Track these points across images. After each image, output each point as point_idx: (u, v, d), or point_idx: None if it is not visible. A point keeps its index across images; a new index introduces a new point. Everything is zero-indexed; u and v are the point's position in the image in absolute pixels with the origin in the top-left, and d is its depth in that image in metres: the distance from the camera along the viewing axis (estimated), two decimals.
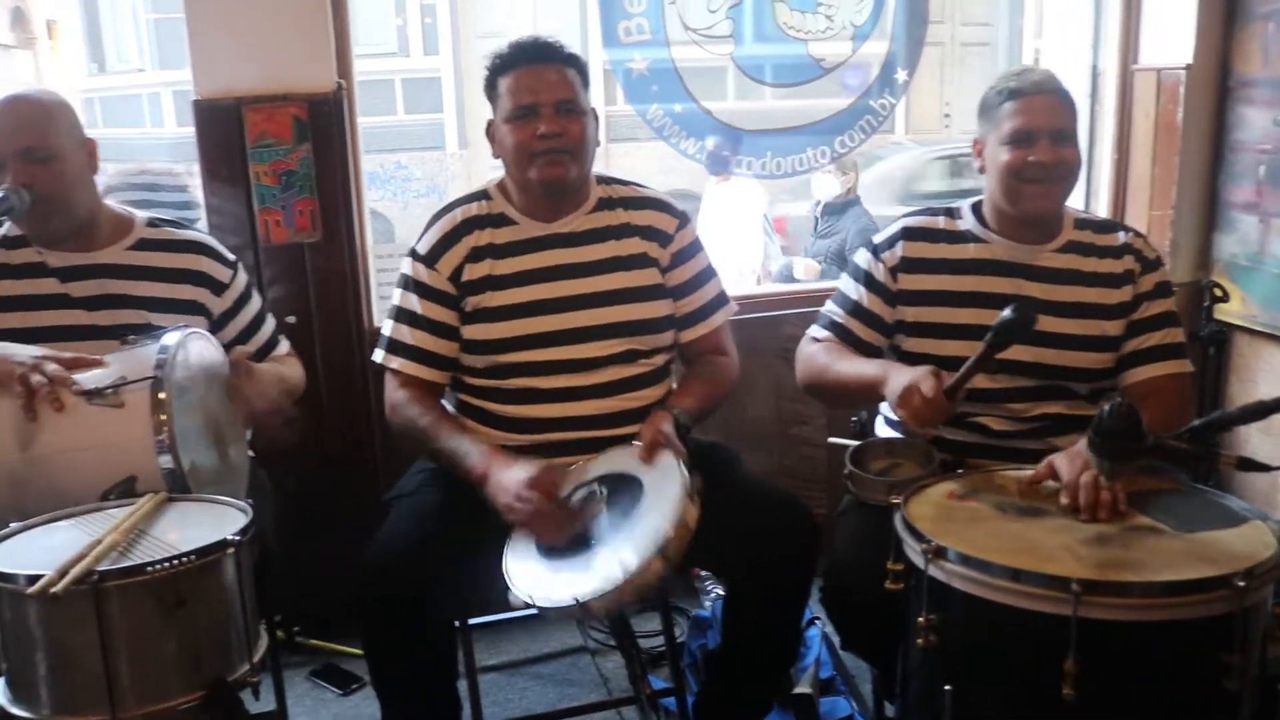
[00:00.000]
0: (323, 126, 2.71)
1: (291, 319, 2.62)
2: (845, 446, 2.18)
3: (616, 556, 1.82)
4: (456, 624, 2.18)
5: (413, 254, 2.21)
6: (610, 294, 2.20)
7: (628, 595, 1.79)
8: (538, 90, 2.11)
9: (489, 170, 9.35)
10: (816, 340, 2.31)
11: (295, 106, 2.68)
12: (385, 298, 2.95)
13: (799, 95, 3.44)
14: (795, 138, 3.39)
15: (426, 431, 2.12)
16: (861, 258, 2.30)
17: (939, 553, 1.62)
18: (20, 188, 2.03)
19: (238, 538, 1.59)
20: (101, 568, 1.48)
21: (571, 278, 2.19)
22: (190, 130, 2.77)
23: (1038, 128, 2.10)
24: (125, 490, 1.84)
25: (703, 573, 3.02)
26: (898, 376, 2.01)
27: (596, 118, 2.23)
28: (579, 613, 1.82)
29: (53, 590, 1.42)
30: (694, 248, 2.31)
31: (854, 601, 1.99)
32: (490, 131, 2.22)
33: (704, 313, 2.31)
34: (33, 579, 1.47)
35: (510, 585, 1.89)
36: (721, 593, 2.90)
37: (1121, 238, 2.23)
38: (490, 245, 2.19)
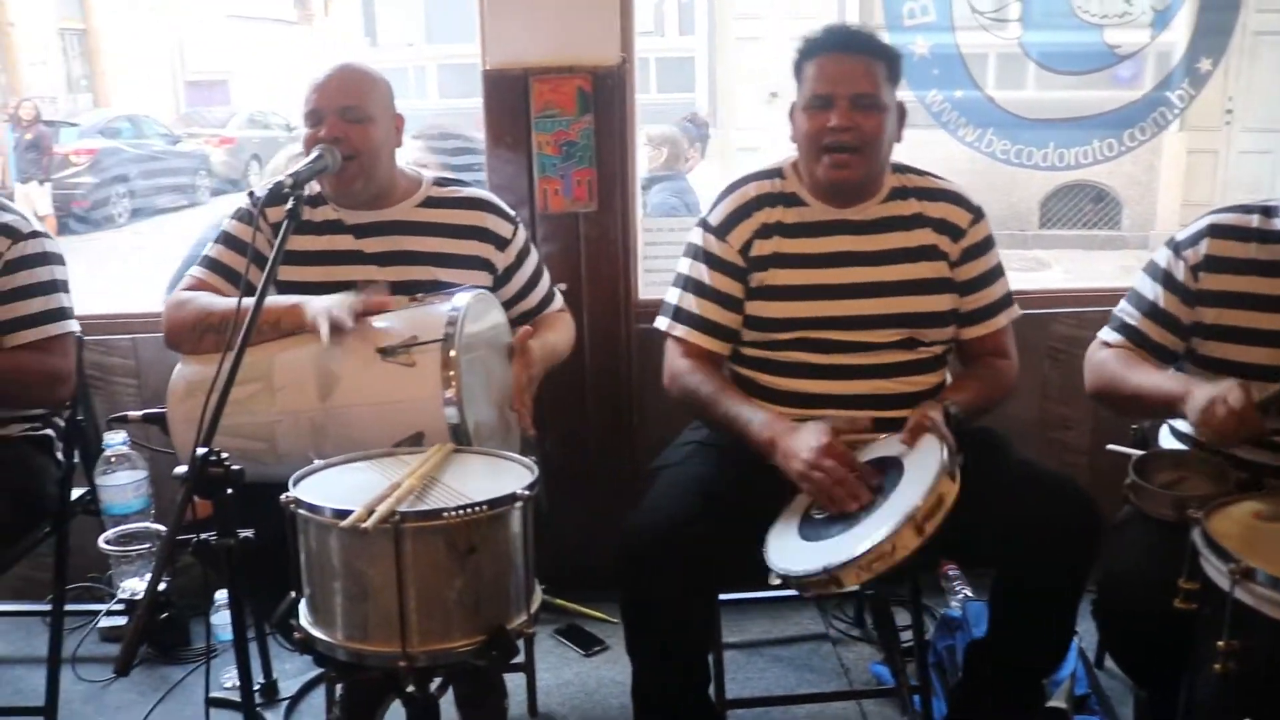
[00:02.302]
0: (605, 99, 2.77)
1: (563, 286, 2.68)
2: (1128, 455, 2.07)
3: (869, 528, 1.78)
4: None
5: (704, 225, 2.24)
6: (894, 285, 2.16)
7: (878, 566, 1.73)
8: (837, 81, 2.09)
9: (733, 151, 9.39)
10: (1108, 345, 2.19)
11: (580, 79, 2.75)
12: (650, 270, 3.01)
13: (1087, 85, 3.27)
14: (1081, 129, 3.22)
15: (709, 399, 2.13)
16: (1161, 255, 2.16)
17: (1247, 574, 1.52)
18: (332, 148, 2.16)
19: (526, 492, 1.64)
20: (402, 509, 1.56)
21: (857, 265, 2.17)
22: (453, 102, 2.89)
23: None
24: (413, 444, 1.94)
25: (951, 571, 2.94)
26: (1200, 391, 1.88)
27: (903, 112, 2.18)
28: (828, 583, 1.77)
29: (363, 526, 1.50)
30: (986, 244, 2.24)
31: (1132, 618, 1.89)
32: (791, 113, 2.21)
33: (989, 312, 2.24)
34: (339, 513, 1.57)
35: (767, 559, 1.88)
36: (970, 594, 2.82)
37: None
38: (780, 224, 2.19)
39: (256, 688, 2.64)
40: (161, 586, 1.57)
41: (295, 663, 2.71)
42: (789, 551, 1.88)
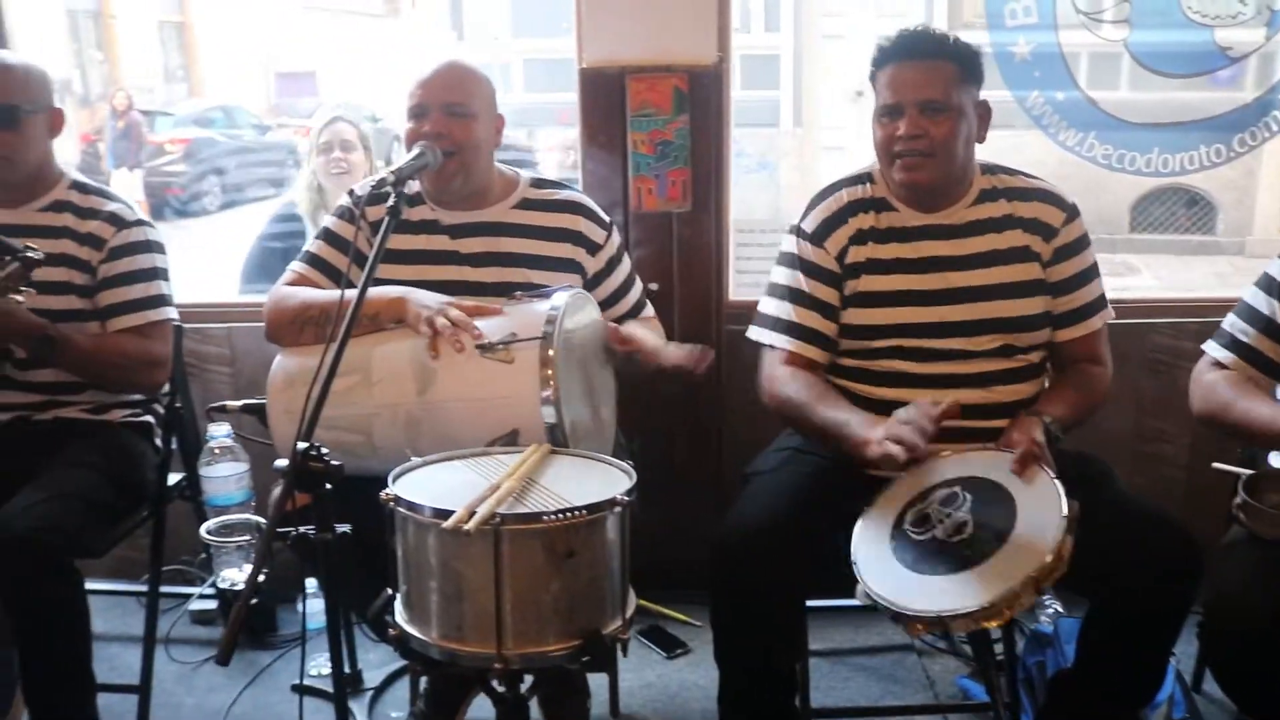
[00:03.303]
0: (701, 99, 2.75)
1: (654, 286, 2.68)
2: (1236, 475, 2.00)
3: (983, 578, 1.74)
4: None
5: (798, 232, 2.21)
6: (986, 289, 2.13)
7: (990, 622, 1.71)
8: (903, 90, 2.06)
9: (821, 150, 9.30)
10: (1218, 365, 2.12)
11: (677, 78, 2.73)
12: (741, 271, 2.99)
13: (1194, 86, 3.17)
14: (1187, 134, 3.12)
15: (807, 406, 2.10)
16: (1275, 267, 2.09)
17: None
18: (433, 146, 2.17)
19: (626, 497, 1.63)
20: (502, 511, 1.56)
21: (948, 270, 2.14)
22: (538, 97, 2.89)
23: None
24: (509, 442, 1.95)
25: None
26: None
27: (987, 111, 2.14)
28: (935, 625, 1.76)
29: (464, 528, 1.51)
30: (1080, 244, 2.19)
31: (1241, 643, 1.82)
32: (872, 120, 2.17)
33: (1083, 313, 2.19)
34: (438, 512, 1.58)
35: (862, 581, 1.84)
36: (1060, 609, 2.76)
37: None
38: (873, 229, 2.16)
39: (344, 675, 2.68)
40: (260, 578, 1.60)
41: (378, 653, 2.75)
42: (888, 576, 1.83)
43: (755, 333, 2.25)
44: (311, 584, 2.87)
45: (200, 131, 12.70)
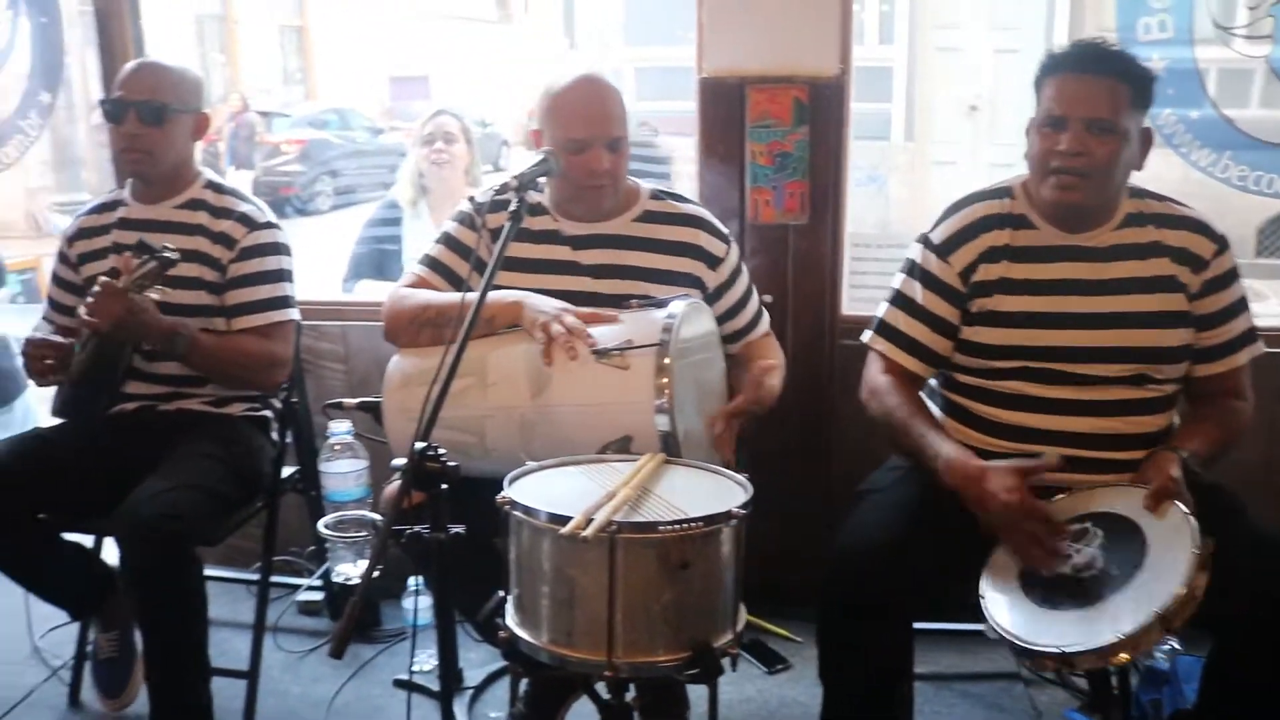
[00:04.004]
0: (821, 110, 2.72)
1: (768, 298, 2.65)
2: None
3: (1112, 614, 1.70)
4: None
5: (925, 242, 2.16)
6: (1126, 316, 2.05)
7: (1117, 659, 1.67)
8: (1072, 104, 1.98)
9: (932, 165, 9.17)
10: None
11: (797, 89, 2.71)
12: (856, 285, 2.94)
13: None
14: None
15: (901, 424, 2.07)
16: None
17: None
18: (556, 154, 2.18)
19: (742, 510, 1.61)
20: (617, 519, 1.55)
21: (1087, 294, 2.06)
22: (649, 105, 2.89)
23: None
24: (621, 447, 1.94)
25: None
26: None
27: (1149, 139, 2.06)
28: (1059, 662, 1.71)
29: (582, 535, 1.50)
30: (1230, 276, 2.10)
31: None
32: (1028, 130, 2.12)
33: (1230, 348, 2.10)
34: (554, 517, 1.58)
35: (989, 616, 1.81)
36: (1177, 645, 2.66)
37: None
38: (1008, 247, 2.10)
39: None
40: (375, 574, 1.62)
41: (479, 652, 2.76)
42: (1014, 610, 1.80)
43: (865, 335, 2.22)
44: (416, 581, 2.92)
45: (315, 133, 13.06)
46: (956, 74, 9.54)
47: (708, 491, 1.72)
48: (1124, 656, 1.65)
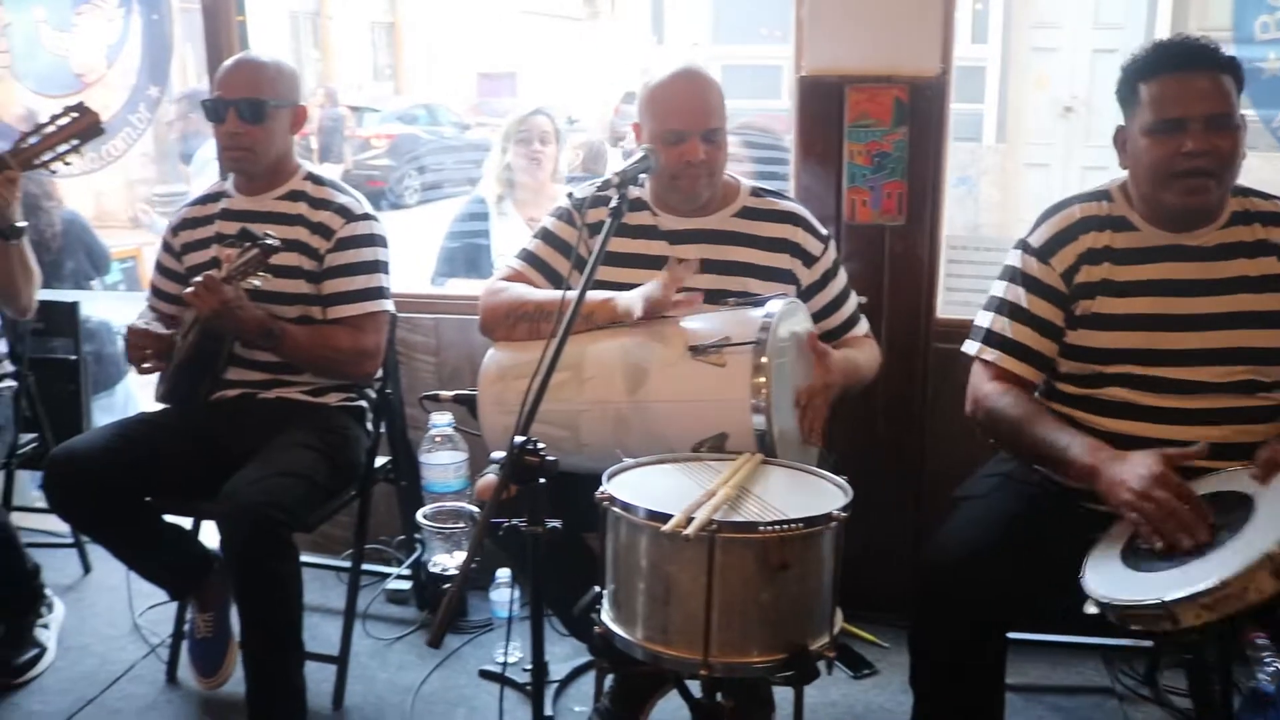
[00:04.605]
0: (922, 111, 2.68)
1: (863, 299, 2.62)
2: None
3: (1217, 563, 1.62)
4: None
5: (1024, 246, 2.13)
6: (1235, 316, 1.99)
7: (1224, 608, 1.57)
8: (1188, 102, 1.92)
9: (1024, 167, 9.00)
10: None
11: (898, 89, 2.67)
12: (951, 289, 2.90)
13: None
14: None
15: (1020, 422, 2.02)
16: None
17: None
18: (656, 151, 2.19)
19: (843, 514, 1.60)
20: (717, 518, 1.55)
21: (1194, 295, 2.00)
22: (736, 103, 2.82)
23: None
24: (716, 445, 1.93)
25: (1260, 640, 2.69)
26: None
27: (1245, 126, 2.01)
28: (1161, 618, 1.61)
29: (684, 533, 1.50)
30: None
31: None
32: (1120, 138, 2.06)
33: None
34: (654, 515, 1.58)
35: (1085, 587, 1.74)
36: None
37: None
38: (1108, 249, 2.05)
39: (528, 668, 2.72)
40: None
41: (563, 646, 2.77)
42: (1112, 578, 1.74)
43: (968, 345, 2.18)
44: (503, 573, 2.94)
45: (404, 128, 13.22)
46: (1053, 75, 9.32)
47: (806, 493, 1.71)
48: (1229, 604, 1.55)
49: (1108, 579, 1.74)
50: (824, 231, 2.36)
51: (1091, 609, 1.71)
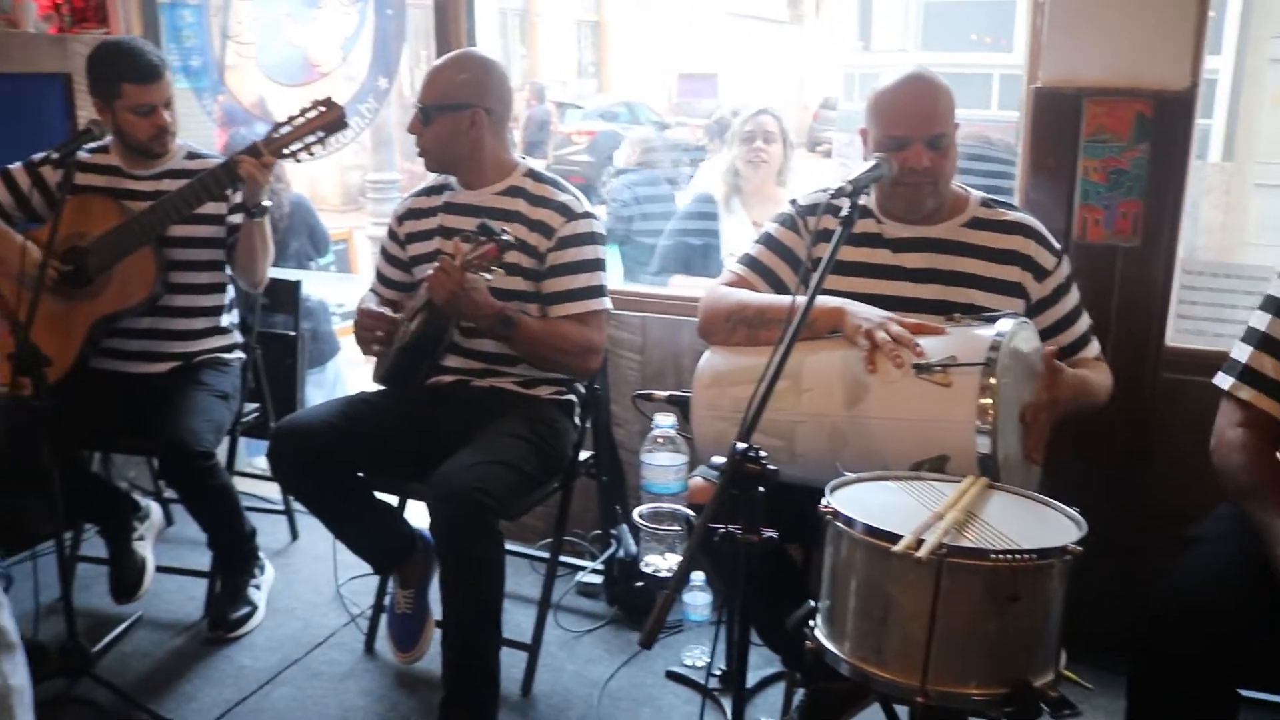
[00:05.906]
0: (1166, 127, 2.54)
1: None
2: None
3: None
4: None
5: None
6: None
7: None
8: None
9: (1252, 188, 8.45)
10: None
11: (1141, 103, 2.54)
12: (1183, 316, 2.74)
13: None
14: None
15: (1240, 494, 1.91)
16: None
17: None
18: (889, 158, 2.14)
19: (1078, 547, 1.53)
20: (946, 542, 1.50)
21: None
22: None
23: None
24: (936, 466, 1.87)
25: None
26: None
27: None
28: None
29: (916, 555, 1.46)
30: None
31: None
32: None
33: None
34: (876, 532, 1.54)
35: None
36: None
37: None
38: None
39: (719, 672, 2.72)
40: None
41: (753, 655, 2.75)
42: None
43: (1220, 379, 2.05)
44: (696, 576, 2.94)
45: (605, 125, 13.40)
46: None
47: (1036, 522, 1.64)
48: None
49: None
50: (1057, 245, 2.28)
51: None
